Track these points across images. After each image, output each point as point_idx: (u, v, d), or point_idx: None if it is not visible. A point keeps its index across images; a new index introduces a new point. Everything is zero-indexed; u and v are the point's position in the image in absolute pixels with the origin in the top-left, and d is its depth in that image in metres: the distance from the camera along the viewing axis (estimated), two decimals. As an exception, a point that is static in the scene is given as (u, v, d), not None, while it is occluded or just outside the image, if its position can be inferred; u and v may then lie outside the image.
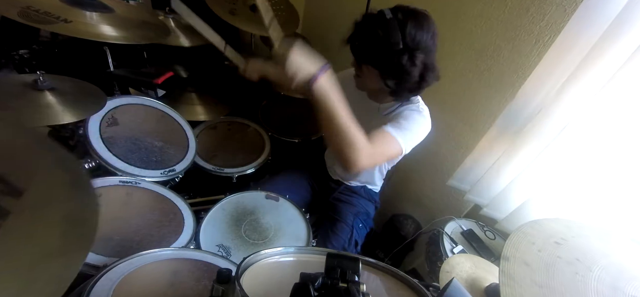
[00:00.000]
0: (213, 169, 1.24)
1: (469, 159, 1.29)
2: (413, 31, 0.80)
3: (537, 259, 0.58)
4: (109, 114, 1.03)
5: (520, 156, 1.12)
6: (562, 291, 0.54)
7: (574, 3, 0.92)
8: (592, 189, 0.98)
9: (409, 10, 0.82)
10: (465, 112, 1.28)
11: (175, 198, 0.97)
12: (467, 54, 1.21)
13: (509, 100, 1.12)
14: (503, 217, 1.21)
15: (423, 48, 0.82)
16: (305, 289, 0.37)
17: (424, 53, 0.83)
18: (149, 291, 0.66)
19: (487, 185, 1.24)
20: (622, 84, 0.85)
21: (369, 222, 1.24)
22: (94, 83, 1.02)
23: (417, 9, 0.84)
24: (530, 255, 0.59)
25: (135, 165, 0.99)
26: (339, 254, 0.45)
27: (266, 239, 0.96)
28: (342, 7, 1.80)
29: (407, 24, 0.79)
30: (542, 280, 0.55)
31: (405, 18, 0.80)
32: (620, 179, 0.92)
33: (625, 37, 0.83)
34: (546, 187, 1.06)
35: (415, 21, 0.80)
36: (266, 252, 0.54)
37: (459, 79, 1.26)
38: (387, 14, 0.81)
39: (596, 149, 0.94)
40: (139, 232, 0.84)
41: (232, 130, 1.48)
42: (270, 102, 1.69)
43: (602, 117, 0.91)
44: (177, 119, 1.21)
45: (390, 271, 0.56)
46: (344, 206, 1.20)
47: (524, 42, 1.05)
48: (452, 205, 1.42)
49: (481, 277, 0.88)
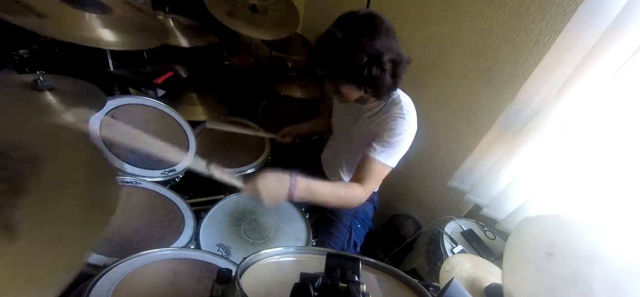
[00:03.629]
0: (213, 169, 1.24)
1: (469, 159, 1.29)
2: (370, 41, 0.81)
3: (537, 281, 0.57)
4: (109, 114, 1.03)
5: (520, 156, 1.12)
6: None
7: (574, 3, 0.92)
8: (592, 189, 0.97)
9: (355, 20, 0.83)
10: (465, 112, 1.28)
11: (175, 198, 0.97)
12: (467, 54, 1.21)
13: (509, 100, 1.12)
14: (503, 217, 1.21)
15: (385, 50, 0.83)
16: (305, 289, 0.37)
17: (387, 53, 0.83)
18: (149, 291, 0.66)
19: (487, 185, 1.24)
20: (622, 84, 0.85)
21: (367, 223, 1.24)
22: (94, 83, 1.02)
23: (363, 15, 0.84)
24: (530, 282, 0.57)
25: (135, 165, 0.99)
26: (339, 254, 0.45)
27: (266, 239, 0.96)
28: (342, 7, 1.79)
29: (361, 37, 0.81)
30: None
31: (357, 32, 0.81)
32: (620, 179, 0.92)
33: (625, 37, 0.83)
34: (546, 187, 1.06)
35: (367, 30, 0.81)
36: (266, 252, 0.54)
37: (459, 79, 1.26)
38: (338, 34, 0.82)
39: (596, 149, 0.94)
40: (139, 232, 0.84)
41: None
42: (270, 102, 1.69)
43: (602, 117, 0.91)
44: (177, 119, 1.21)
45: (390, 271, 0.56)
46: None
47: (524, 42, 1.05)
48: (452, 205, 1.41)
49: (481, 277, 0.88)
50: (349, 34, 0.81)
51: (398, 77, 0.88)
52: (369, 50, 0.81)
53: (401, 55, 0.87)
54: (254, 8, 1.44)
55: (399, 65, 0.87)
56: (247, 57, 1.80)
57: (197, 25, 1.50)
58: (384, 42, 0.82)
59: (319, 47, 0.88)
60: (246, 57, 1.82)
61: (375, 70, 0.83)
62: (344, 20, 0.85)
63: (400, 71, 0.88)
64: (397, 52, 0.86)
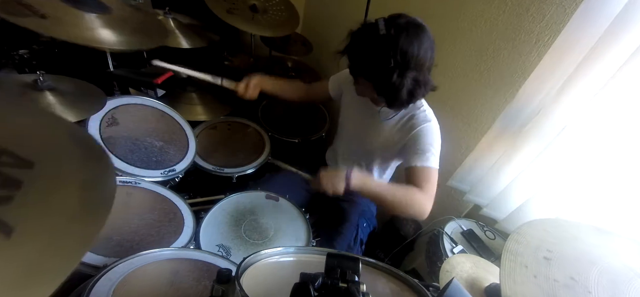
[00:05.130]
0: (213, 169, 1.24)
1: (469, 159, 1.29)
2: (405, 47, 0.79)
3: (535, 286, 0.57)
4: (109, 114, 1.03)
5: (520, 156, 1.12)
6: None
7: (574, 3, 0.92)
8: (592, 189, 0.97)
9: (403, 23, 0.80)
10: (465, 112, 1.28)
11: (175, 198, 0.97)
12: (467, 54, 1.21)
13: (509, 100, 1.12)
14: (503, 218, 1.21)
15: (415, 65, 0.81)
16: (305, 289, 0.37)
17: (415, 70, 0.82)
18: (149, 291, 0.66)
19: (487, 185, 1.24)
20: (623, 84, 0.85)
21: (372, 221, 1.24)
22: (94, 83, 1.02)
23: (413, 21, 0.82)
24: (528, 287, 0.57)
25: (135, 165, 0.99)
26: (339, 254, 0.45)
27: (266, 239, 0.96)
28: (342, 7, 1.80)
29: (399, 40, 0.78)
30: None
31: (397, 33, 0.79)
32: (620, 179, 0.92)
33: (625, 37, 0.83)
34: (546, 187, 1.06)
35: (408, 36, 0.79)
36: (266, 252, 0.54)
37: (459, 79, 1.26)
38: (381, 28, 0.80)
39: (596, 149, 0.94)
40: (139, 232, 0.84)
41: (232, 130, 1.48)
42: (270, 102, 1.69)
43: (602, 117, 0.91)
44: (177, 119, 1.21)
45: (390, 271, 0.56)
46: (348, 205, 1.20)
47: (524, 42, 1.05)
48: (452, 205, 1.41)
49: (481, 277, 0.88)
50: (390, 31, 0.79)
51: (414, 97, 0.87)
52: (399, 57, 0.79)
53: (427, 80, 0.86)
54: (254, 8, 1.44)
55: (419, 87, 0.85)
56: (247, 57, 1.80)
57: (197, 24, 1.50)
58: (419, 57, 0.81)
59: (359, 32, 0.86)
60: (246, 57, 1.82)
61: (395, 78, 0.81)
62: (394, 17, 0.82)
63: (418, 93, 0.86)
64: (425, 73, 0.85)
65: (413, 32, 0.80)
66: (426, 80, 0.86)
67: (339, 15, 1.82)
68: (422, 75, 0.84)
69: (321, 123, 1.66)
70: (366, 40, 0.83)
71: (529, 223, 0.72)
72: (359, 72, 0.90)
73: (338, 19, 1.81)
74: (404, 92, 0.84)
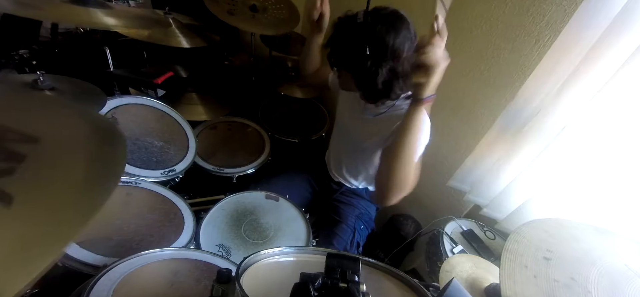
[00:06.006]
0: (213, 169, 1.24)
1: (469, 159, 1.29)
2: (381, 35, 0.77)
3: (535, 286, 0.57)
4: (109, 114, 1.03)
5: (520, 156, 1.12)
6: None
7: (574, 3, 0.92)
8: (592, 189, 0.97)
9: (382, 14, 0.79)
10: (465, 112, 1.28)
11: (175, 198, 0.97)
12: (467, 54, 1.21)
13: (509, 100, 1.12)
14: (503, 218, 1.21)
15: (391, 54, 0.79)
16: (305, 289, 0.37)
17: (392, 60, 0.80)
18: (149, 291, 0.66)
19: (487, 185, 1.24)
20: (623, 84, 0.85)
21: (370, 224, 1.24)
22: (94, 83, 1.02)
23: (393, 13, 0.81)
24: (528, 288, 0.57)
25: (135, 165, 0.99)
26: (339, 254, 0.44)
27: (266, 239, 0.96)
28: (342, 6, 1.80)
29: (375, 28, 0.77)
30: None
31: (375, 22, 0.77)
32: (620, 179, 0.92)
33: (625, 37, 0.83)
34: (546, 187, 1.06)
35: (385, 26, 0.78)
36: (266, 252, 0.54)
37: (459, 79, 1.26)
38: (359, 17, 0.79)
39: (596, 149, 0.94)
40: (139, 232, 0.84)
41: (232, 130, 1.48)
42: (270, 102, 1.69)
43: (602, 118, 0.91)
44: (177, 119, 1.22)
45: (390, 271, 0.56)
46: (346, 207, 1.20)
47: (524, 42, 1.05)
48: (452, 205, 1.41)
49: (481, 277, 0.88)
50: (367, 20, 0.78)
51: (392, 90, 0.84)
52: (375, 44, 0.77)
53: (406, 73, 0.81)
54: (253, 8, 1.44)
55: (397, 79, 0.82)
56: (247, 57, 1.80)
57: (197, 23, 1.50)
58: (395, 46, 0.79)
59: (339, 22, 0.86)
60: (246, 57, 1.82)
61: (370, 66, 0.80)
62: (376, 8, 0.81)
63: (395, 85, 0.83)
64: (404, 67, 0.81)
65: (391, 22, 0.79)
66: (405, 74, 0.82)
67: (338, 14, 1.81)
68: (400, 67, 0.82)
69: (321, 123, 1.66)
70: (345, 29, 0.83)
71: (529, 223, 0.72)
72: (339, 62, 0.89)
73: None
74: (380, 81, 0.82)
